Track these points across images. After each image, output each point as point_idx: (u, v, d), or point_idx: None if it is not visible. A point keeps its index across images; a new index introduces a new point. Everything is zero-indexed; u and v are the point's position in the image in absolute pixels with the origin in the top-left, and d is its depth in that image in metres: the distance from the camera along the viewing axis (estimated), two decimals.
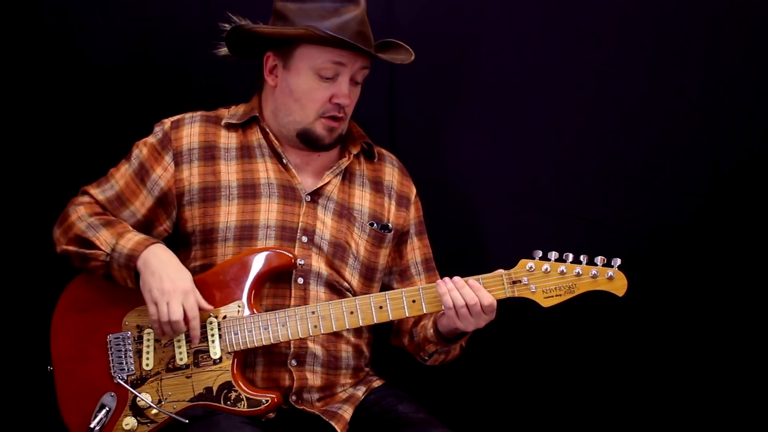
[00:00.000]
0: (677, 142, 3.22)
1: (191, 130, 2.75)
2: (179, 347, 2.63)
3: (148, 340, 2.65)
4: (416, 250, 2.91)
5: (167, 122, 2.78)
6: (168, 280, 2.56)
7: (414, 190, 2.94)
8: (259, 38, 2.71)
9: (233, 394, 2.59)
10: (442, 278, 2.64)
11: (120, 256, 2.59)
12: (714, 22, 3.19)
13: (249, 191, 2.72)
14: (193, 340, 2.60)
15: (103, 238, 2.63)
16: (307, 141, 2.72)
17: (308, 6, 2.65)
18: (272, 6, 2.74)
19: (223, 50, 2.80)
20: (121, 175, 2.75)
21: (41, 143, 3.26)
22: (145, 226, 2.73)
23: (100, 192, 2.75)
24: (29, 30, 3.24)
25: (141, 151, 2.75)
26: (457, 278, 2.56)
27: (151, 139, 2.76)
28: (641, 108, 3.23)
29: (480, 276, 2.58)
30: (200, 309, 2.60)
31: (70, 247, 2.68)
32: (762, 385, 3.22)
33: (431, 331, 2.67)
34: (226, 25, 2.73)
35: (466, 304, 2.53)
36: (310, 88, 2.68)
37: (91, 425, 2.61)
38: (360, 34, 2.65)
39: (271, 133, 2.76)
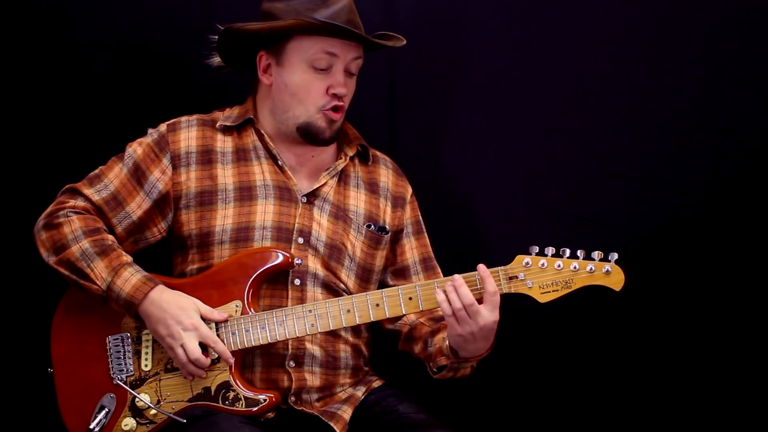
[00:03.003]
0: (677, 142, 3.22)
1: (189, 134, 2.75)
2: None
3: (147, 340, 2.65)
4: (414, 250, 2.90)
5: (163, 125, 2.77)
6: (174, 324, 2.55)
7: (410, 190, 2.94)
8: (250, 38, 2.71)
9: (231, 394, 2.59)
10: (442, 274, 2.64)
11: (118, 297, 2.57)
12: (714, 22, 3.19)
13: (245, 193, 2.71)
14: (228, 362, 2.59)
15: (98, 271, 2.59)
16: (307, 135, 2.72)
17: (295, 2, 2.66)
18: (260, 9, 2.74)
19: (217, 60, 2.81)
20: (115, 174, 2.73)
21: (42, 143, 3.27)
22: (138, 227, 2.71)
23: (94, 192, 2.71)
24: (29, 30, 3.25)
25: (135, 151, 2.73)
26: (456, 276, 2.54)
27: (147, 140, 2.75)
28: (641, 108, 3.23)
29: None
30: (216, 321, 2.60)
31: (62, 269, 2.64)
32: (762, 384, 3.21)
33: (447, 343, 2.63)
34: (216, 37, 2.74)
35: (464, 306, 2.50)
36: (304, 81, 2.68)
37: (91, 426, 2.61)
38: (350, 21, 2.65)
39: (266, 135, 2.76)
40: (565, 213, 3.25)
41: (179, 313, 2.56)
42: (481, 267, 2.53)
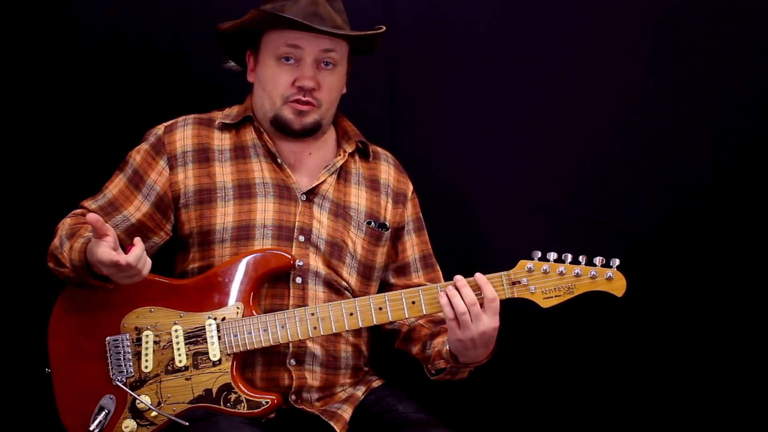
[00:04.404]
0: (677, 142, 3.23)
1: (184, 133, 2.75)
2: (178, 349, 2.62)
3: (147, 342, 2.64)
4: (415, 247, 2.90)
5: (160, 127, 2.78)
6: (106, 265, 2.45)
7: (411, 187, 2.94)
8: (233, 39, 2.75)
9: (233, 396, 2.59)
10: (442, 274, 2.66)
11: (78, 268, 2.55)
12: (714, 22, 3.20)
13: (244, 191, 2.71)
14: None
15: (66, 253, 2.58)
16: (280, 128, 2.72)
17: (276, 2, 2.68)
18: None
19: (231, 63, 2.84)
20: (115, 184, 2.74)
21: (41, 143, 3.26)
22: (140, 231, 2.71)
23: (93, 202, 2.74)
24: (29, 30, 3.24)
25: (134, 159, 2.74)
26: (458, 277, 2.54)
27: (144, 146, 2.75)
28: (641, 108, 3.23)
29: None
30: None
31: (50, 264, 2.66)
32: (762, 385, 3.22)
33: (446, 348, 2.63)
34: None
35: (467, 309, 2.50)
36: (273, 75, 2.69)
37: (91, 428, 2.59)
38: (315, 15, 2.65)
39: (265, 133, 2.76)
40: (565, 213, 3.26)
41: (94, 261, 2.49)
42: (478, 275, 2.54)
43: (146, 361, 2.64)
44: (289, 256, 2.64)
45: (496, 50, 3.27)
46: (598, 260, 2.53)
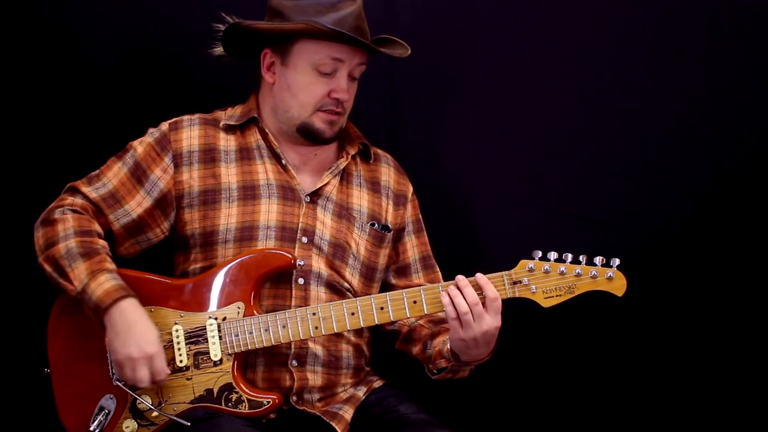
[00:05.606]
0: (677, 142, 3.23)
1: (191, 133, 2.75)
2: (179, 349, 2.62)
3: None
4: (415, 248, 2.91)
5: (164, 124, 2.77)
6: (134, 345, 2.50)
7: (410, 188, 2.95)
8: (256, 36, 2.71)
9: (234, 396, 2.59)
10: (442, 274, 2.68)
11: (89, 300, 2.54)
12: (714, 22, 3.19)
13: (249, 192, 2.71)
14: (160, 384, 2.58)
15: (78, 272, 2.56)
16: (308, 135, 2.72)
17: (305, 2, 2.66)
18: (267, 4, 2.74)
19: (219, 50, 2.81)
20: (114, 173, 2.72)
21: (41, 143, 3.26)
22: (138, 226, 2.71)
23: (92, 190, 2.71)
24: (29, 30, 3.24)
25: (136, 150, 2.73)
26: (460, 277, 2.54)
27: (148, 139, 2.75)
28: (641, 108, 3.23)
29: None
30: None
31: (46, 265, 2.62)
32: (762, 385, 3.22)
33: (447, 347, 2.64)
34: (221, 26, 2.73)
35: (470, 309, 2.51)
36: (308, 84, 2.68)
37: (91, 428, 2.59)
38: (357, 28, 2.66)
39: (270, 134, 2.76)
40: (565, 213, 3.25)
41: (142, 336, 2.52)
42: (479, 275, 2.55)
43: None
44: (290, 256, 2.64)
45: (496, 50, 3.27)
46: (598, 260, 2.53)
